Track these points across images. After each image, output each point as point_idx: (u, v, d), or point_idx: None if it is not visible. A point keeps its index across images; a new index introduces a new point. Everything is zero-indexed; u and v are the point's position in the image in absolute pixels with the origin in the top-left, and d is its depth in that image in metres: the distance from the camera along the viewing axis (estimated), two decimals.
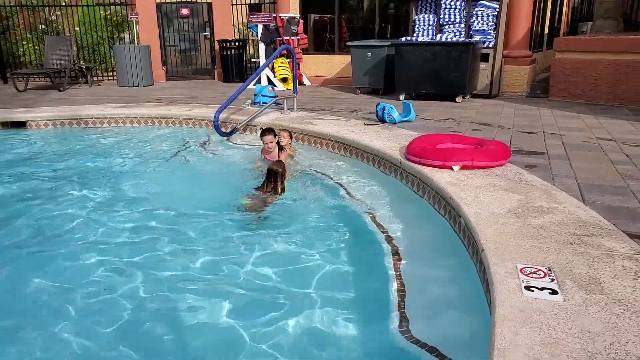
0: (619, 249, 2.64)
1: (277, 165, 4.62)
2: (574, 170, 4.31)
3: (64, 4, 14.48)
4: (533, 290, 2.20)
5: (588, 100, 8.55)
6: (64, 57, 12.01)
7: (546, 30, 11.97)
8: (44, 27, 14.62)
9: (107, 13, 14.91)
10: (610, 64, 8.23)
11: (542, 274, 2.35)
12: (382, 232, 3.84)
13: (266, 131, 5.45)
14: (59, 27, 14.74)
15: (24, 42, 14.49)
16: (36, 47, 14.38)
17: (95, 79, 13.40)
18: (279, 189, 4.57)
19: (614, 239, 2.77)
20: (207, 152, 6.56)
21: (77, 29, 14.34)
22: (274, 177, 4.54)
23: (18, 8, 14.33)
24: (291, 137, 5.92)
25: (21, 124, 7.80)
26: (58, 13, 14.70)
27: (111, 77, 13.83)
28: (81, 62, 13.86)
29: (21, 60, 14.51)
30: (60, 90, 11.39)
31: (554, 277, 2.32)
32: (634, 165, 4.50)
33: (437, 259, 3.38)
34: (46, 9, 14.63)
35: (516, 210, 3.22)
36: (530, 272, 2.37)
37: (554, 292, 2.19)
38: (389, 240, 3.68)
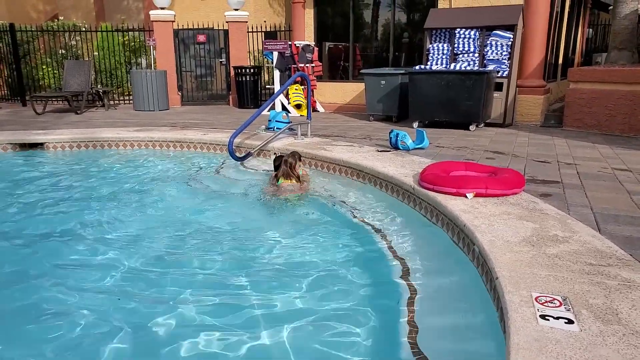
0: (637, 279, 2.59)
1: (291, 156, 5.46)
2: (590, 200, 4.27)
3: (84, 29, 14.81)
4: (549, 319, 2.16)
5: (603, 130, 8.52)
6: (82, 81, 12.23)
7: (560, 61, 12.01)
8: (63, 51, 14.93)
9: (125, 38, 15.21)
10: (626, 94, 8.22)
11: (558, 303, 2.31)
12: (393, 255, 3.83)
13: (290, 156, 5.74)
14: (78, 51, 15.06)
15: (44, 66, 14.81)
16: (55, 71, 14.68)
17: (111, 102, 13.61)
18: (295, 177, 5.43)
19: (631, 269, 2.73)
20: (221, 175, 6.60)
21: (96, 53, 14.64)
22: (286, 165, 5.39)
23: (39, 33, 14.67)
24: (300, 160, 5.90)
25: (39, 145, 7.93)
26: (78, 38, 15.03)
27: (127, 101, 14.05)
28: (99, 86, 14.11)
29: (40, 83, 14.81)
30: (77, 114, 11.58)
31: (570, 307, 2.28)
32: None
33: (449, 284, 3.34)
34: (66, 34, 14.95)
35: (531, 238, 3.19)
36: (546, 301, 2.33)
37: (570, 321, 2.15)
38: (401, 263, 3.66)
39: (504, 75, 9.12)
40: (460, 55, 9.56)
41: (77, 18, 16.73)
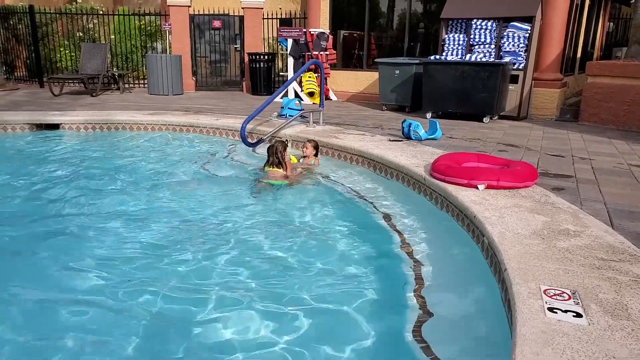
0: None
1: (279, 143, 5.57)
2: (603, 195, 4.22)
3: (101, 12, 14.87)
4: (556, 312, 2.15)
5: (620, 126, 8.40)
6: (98, 64, 12.31)
7: (579, 54, 11.84)
8: (81, 34, 15.01)
9: (141, 22, 15.22)
10: None
11: (567, 297, 2.29)
12: (403, 245, 3.84)
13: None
14: (95, 34, 15.12)
15: (61, 49, 14.90)
16: (72, 54, 14.77)
17: (126, 86, 13.66)
18: (283, 165, 5.43)
19: None
20: (232, 161, 6.62)
21: (112, 37, 14.68)
22: (274, 151, 5.44)
23: (57, 15, 14.76)
24: (316, 149, 6.09)
25: (55, 126, 8.05)
26: (95, 21, 15.08)
27: (142, 85, 14.10)
28: (114, 69, 14.16)
29: (57, 65, 14.91)
30: (93, 96, 11.65)
31: (579, 301, 2.26)
32: None
33: (457, 273, 3.34)
34: (84, 17, 15.03)
35: (541, 231, 3.16)
36: (554, 294, 2.31)
37: (578, 315, 2.14)
38: (409, 253, 3.67)
39: (520, 67, 9.01)
40: (476, 47, 9.45)
41: (95, 1, 16.70)
